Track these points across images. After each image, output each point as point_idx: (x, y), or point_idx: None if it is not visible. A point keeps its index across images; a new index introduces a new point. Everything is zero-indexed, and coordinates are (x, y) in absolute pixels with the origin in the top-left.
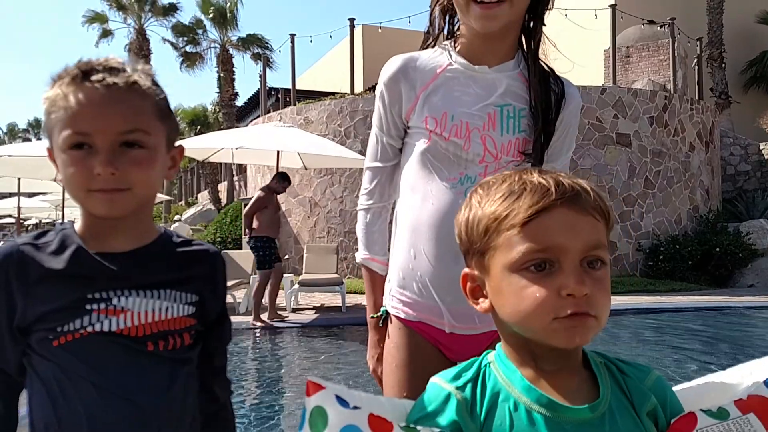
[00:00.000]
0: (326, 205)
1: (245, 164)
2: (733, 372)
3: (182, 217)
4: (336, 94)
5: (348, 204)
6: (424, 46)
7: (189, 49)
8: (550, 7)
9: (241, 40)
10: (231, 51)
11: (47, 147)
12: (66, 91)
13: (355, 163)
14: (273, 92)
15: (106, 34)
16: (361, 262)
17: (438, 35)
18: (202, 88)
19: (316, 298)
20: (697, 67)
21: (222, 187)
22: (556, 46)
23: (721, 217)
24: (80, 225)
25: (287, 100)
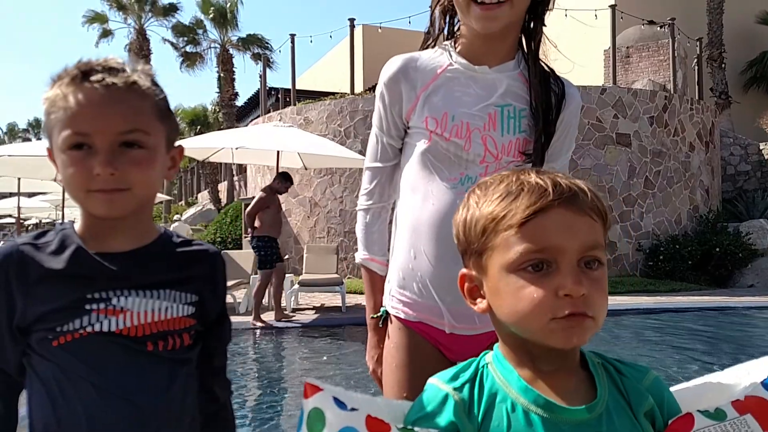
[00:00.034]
0: (326, 205)
1: (245, 164)
2: (730, 372)
3: (182, 217)
4: (336, 94)
5: (348, 204)
6: (424, 47)
7: (189, 49)
8: (551, 8)
9: (241, 40)
10: (231, 51)
11: (47, 147)
12: (65, 91)
13: (355, 163)
14: (273, 92)
15: (106, 34)
16: (360, 263)
17: (438, 35)
18: (202, 88)
19: (316, 298)
20: (697, 68)
21: (222, 187)
22: (557, 47)
23: (721, 217)
24: (80, 225)
25: (287, 100)
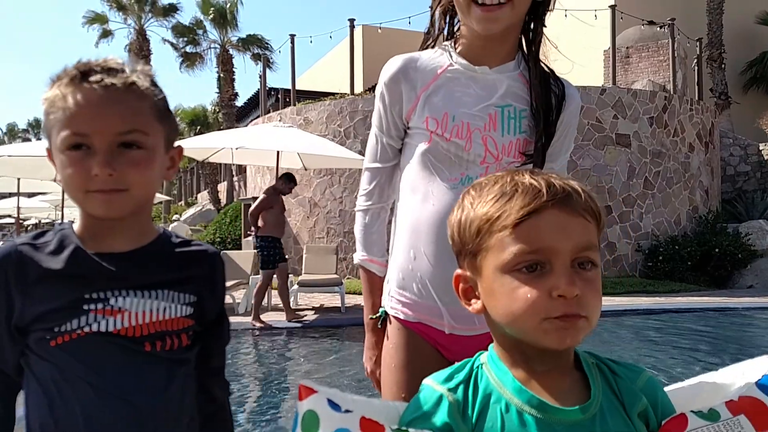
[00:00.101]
0: (326, 206)
1: (245, 164)
2: (725, 372)
3: (182, 218)
4: (336, 95)
5: (347, 204)
6: (423, 47)
7: (189, 50)
8: (551, 9)
9: (241, 41)
10: (231, 51)
11: (46, 147)
12: (64, 91)
13: (355, 164)
14: (273, 92)
15: (106, 34)
16: (359, 264)
17: (438, 36)
18: (201, 89)
19: (315, 299)
20: (696, 68)
21: (222, 188)
22: (557, 48)
23: (720, 218)
24: (79, 225)
25: (287, 100)
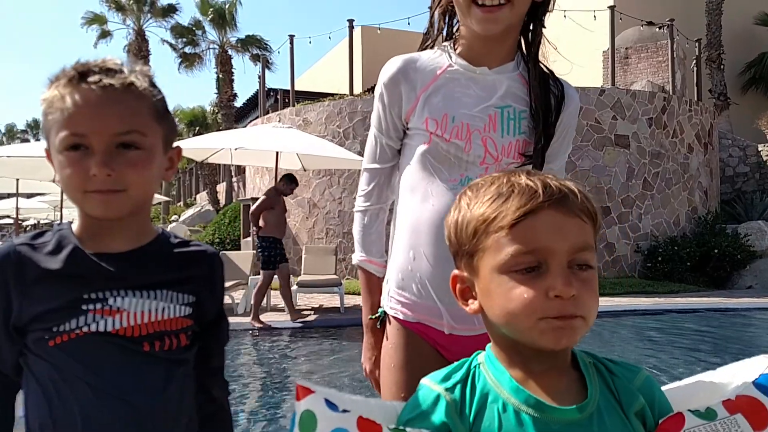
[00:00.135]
0: (325, 206)
1: (244, 165)
2: (723, 371)
3: (180, 218)
4: (335, 95)
5: (347, 205)
6: (422, 47)
7: (188, 50)
8: (550, 9)
9: (240, 41)
10: (230, 52)
11: (45, 148)
12: (63, 92)
13: (354, 165)
14: (272, 93)
15: (105, 35)
16: (357, 264)
17: (437, 37)
18: (201, 89)
19: (314, 299)
20: (695, 69)
21: (221, 188)
22: (557, 49)
23: (719, 219)
24: (77, 225)
25: (286, 101)
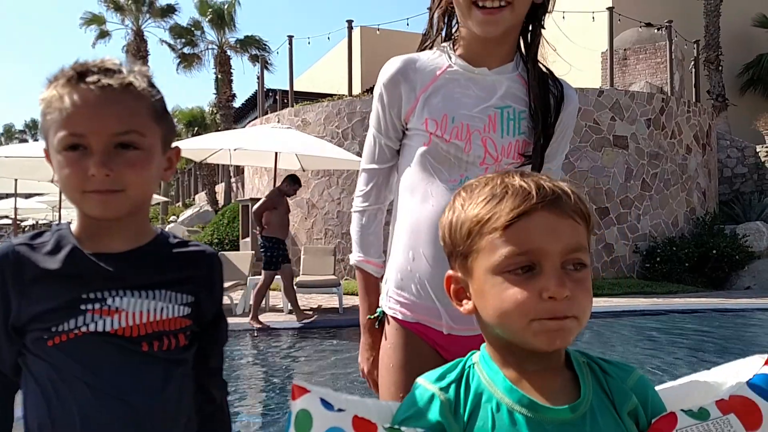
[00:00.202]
0: (324, 207)
1: (243, 166)
2: (717, 371)
3: (179, 219)
4: (334, 96)
5: (345, 206)
6: (421, 48)
7: (187, 51)
8: (550, 10)
9: (238, 42)
10: (229, 52)
11: (44, 148)
12: (61, 92)
13: (353, 165)
14: (271, 94)
15: (104, 35)
16: (355, 264)
17: (436, 37)
18: (199, 90)
19: (313, 300)
20: (694, 70)
21: (219, 189)
22: (556, 50)
23: (717, 220)
24: (76, 225)
25: (285, 101)
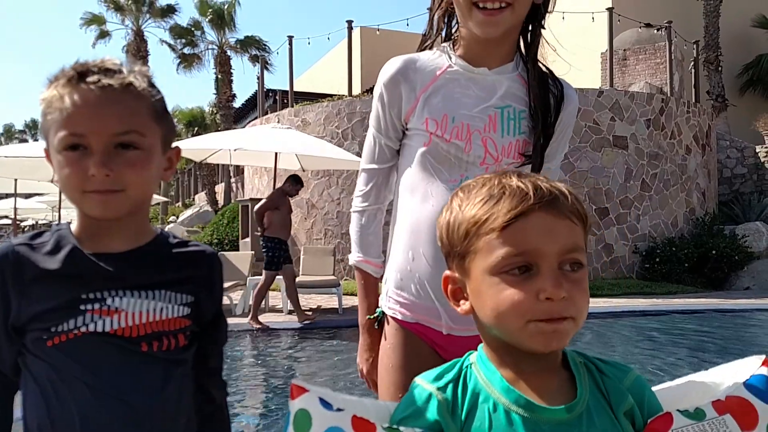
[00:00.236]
0: (323, 207)
1: (242, 166)
2: (714, 372)
3: (179, 219)
4: (334, 96)
5: (345, 206)
6: (421, 48)
7: (187, 51)
8: (550, 11)
9: (239, 42)
10: (229, 53)
11: (44, 148)
12: (62, 92)
13: (353, 165)
14: (271, 94)
15: (104, 35)
16: (355, 264)
17: (436, 37)
18: (199, 90)
19: (313, 300)
20: (693, 71)
21: (219, 189)
22: (556, 51)
23: (717, 220)
24: (76, 225)
25: (285, 101)
